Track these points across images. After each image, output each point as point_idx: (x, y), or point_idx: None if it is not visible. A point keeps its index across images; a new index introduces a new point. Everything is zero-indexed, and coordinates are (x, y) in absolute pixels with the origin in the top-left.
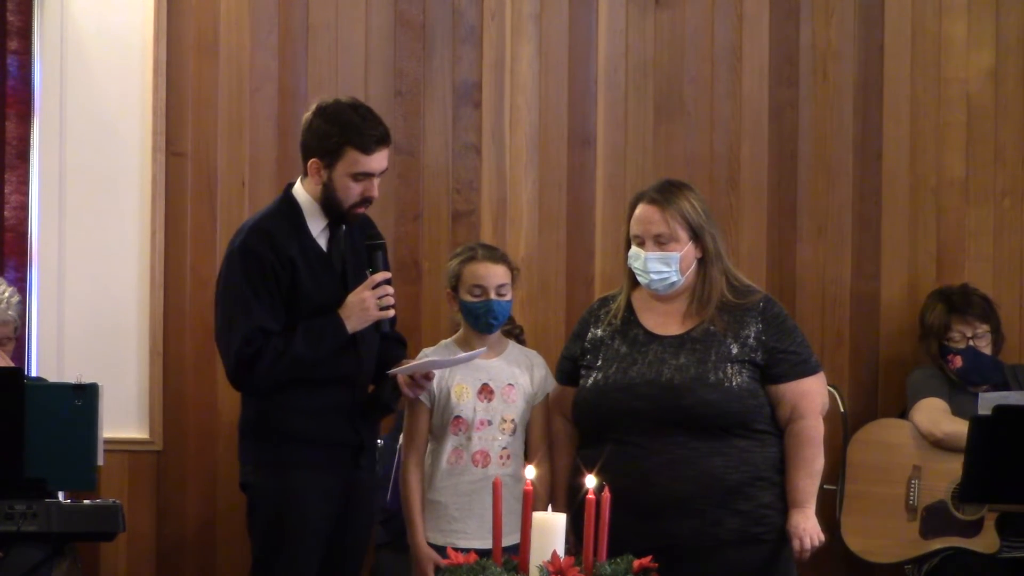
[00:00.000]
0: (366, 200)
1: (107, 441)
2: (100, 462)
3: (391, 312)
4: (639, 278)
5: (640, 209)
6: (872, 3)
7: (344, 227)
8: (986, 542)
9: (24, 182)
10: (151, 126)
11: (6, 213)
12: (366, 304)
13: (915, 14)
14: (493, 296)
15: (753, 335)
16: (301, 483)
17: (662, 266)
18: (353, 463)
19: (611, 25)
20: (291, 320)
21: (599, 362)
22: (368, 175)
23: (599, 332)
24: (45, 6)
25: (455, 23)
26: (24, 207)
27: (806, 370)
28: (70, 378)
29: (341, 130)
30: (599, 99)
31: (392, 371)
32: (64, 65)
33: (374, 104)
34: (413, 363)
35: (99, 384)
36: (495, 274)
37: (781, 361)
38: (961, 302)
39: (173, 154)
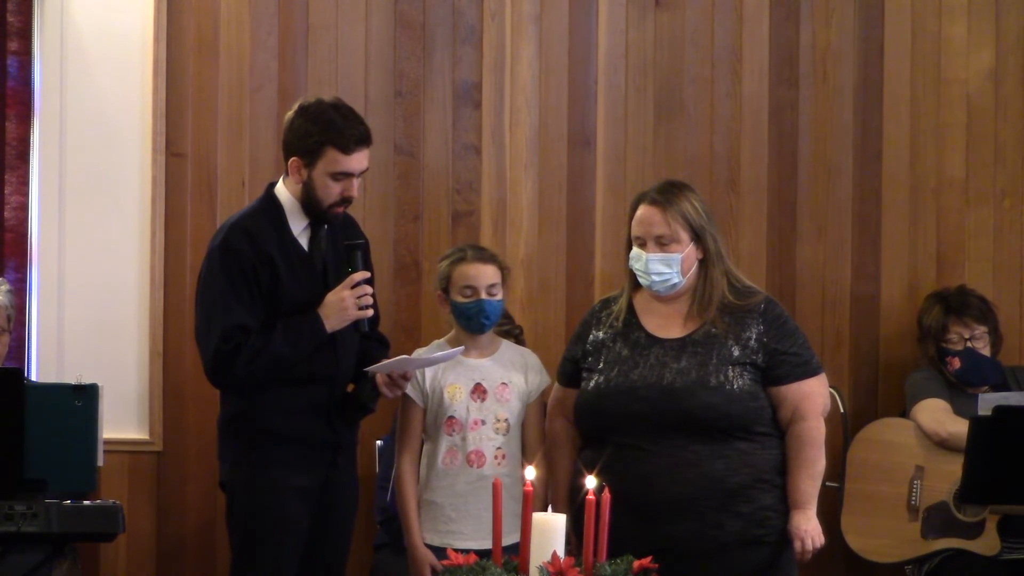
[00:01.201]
0: (345, 200)
1: (107, 441)
2: (100, 462)
3: (370, 312)
4: (640, 279)
5: (641, 210)
6: (872, 3)
7: (326, 226)
8: (987, 544)
9: (24, 182)
10: (151, 126)
11: (6, 213)
12: (345, 304)
13: (915, 14)
14: (484, 296)
15: (754, 337)
16: (278, 481)
17: (664, 267)
18: (331, 462)
19: (611, 25)
20: (270, 319)
21: (600, 364)
22: (347, 175)
23: (600, 334)
24: (45, 6)
25: (455, 24)
26: (24, 207)
27: (807, 371)
28: (70, 378)
29: (321, 129)
30: (599, 99)
31: (369, 369)
32: (64, 65)
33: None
34: (390, 361)
35: (99, 384)
36: (485, 274)
37: (782, 363)
38: (958, 304)
39: (173, 154)
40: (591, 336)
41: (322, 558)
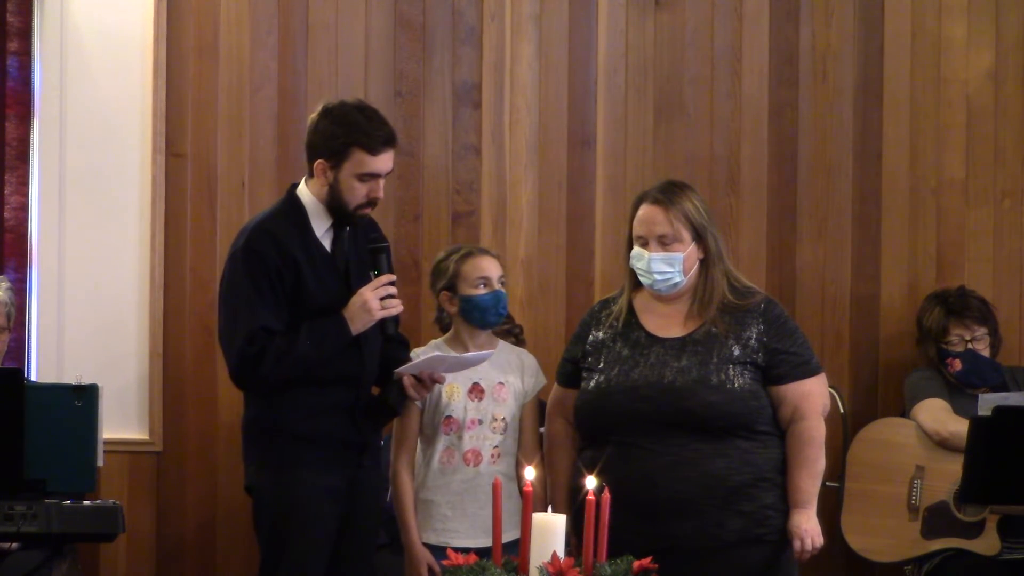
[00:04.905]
0: (371, 201)
1: (107, 442)
2: (100, 463)
3: (394, 310)
4: (642, 279)
5: (643, 210)
6: (872, 3)
7: (348, 228)
8: (987, 544)
9: (24, 183)
10: (151, 127)
11: (6, 214)
12: (369, 305)
13: (915, 14)
14: (497, 287)
15: (754, 336)
16: (305, 482)
17: (666, 267)
18: (356, 462)
19: (611, 25)
20: (294, 320)
21: (601, 364)
22: (374, 176)
23: (600, 334)
24: (45, 6)
25: (455, 24)
26: (24, 208)
27: (807, 371)
28: (70, 378)
29: (347, 131)
30: (599, 100)
31: (399, 370)
32: (64, 65)
33: (374, 105)
34: (420, 360)
35: (99, 385)
36: (496, 266)
37: (782, 362)
38: (958, 305)
39: (173, 155)
40: (591, 336)
41: (350, 557)
